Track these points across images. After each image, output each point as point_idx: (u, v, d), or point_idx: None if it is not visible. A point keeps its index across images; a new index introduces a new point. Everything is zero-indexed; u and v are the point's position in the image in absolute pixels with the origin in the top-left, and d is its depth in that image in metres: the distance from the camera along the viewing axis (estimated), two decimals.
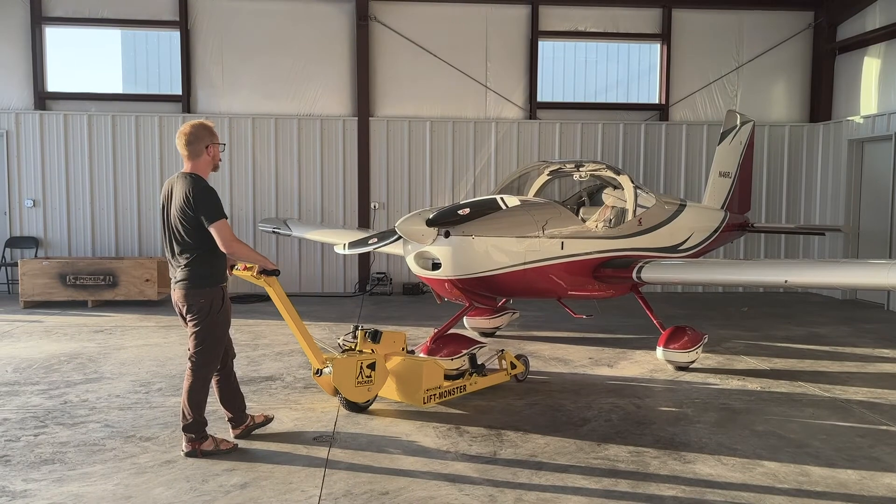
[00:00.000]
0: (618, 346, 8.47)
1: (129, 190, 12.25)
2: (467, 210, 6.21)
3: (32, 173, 12.14)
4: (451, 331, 7.19)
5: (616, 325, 9.61)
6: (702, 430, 5.47)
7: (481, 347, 6.72)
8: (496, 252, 6.38)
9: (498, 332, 8.97)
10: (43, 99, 12.32)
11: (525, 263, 6.58)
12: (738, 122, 10.86)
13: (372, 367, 5.60)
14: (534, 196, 8.25)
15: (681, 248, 8.67)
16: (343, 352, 5.75)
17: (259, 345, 8.31)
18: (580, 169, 8.04)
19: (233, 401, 5.15)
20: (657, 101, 13.35)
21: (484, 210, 6.33)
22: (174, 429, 5.28)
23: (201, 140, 4.85)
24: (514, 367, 6.61)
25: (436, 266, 6.30)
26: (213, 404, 5.12)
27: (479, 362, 6.44)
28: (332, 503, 4.13)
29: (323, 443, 5.11)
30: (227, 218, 4.74)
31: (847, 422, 5.75)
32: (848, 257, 12.38)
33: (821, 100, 13.16)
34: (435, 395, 5.84)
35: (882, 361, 7.88)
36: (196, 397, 4.81)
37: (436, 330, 7.12)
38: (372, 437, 5.24)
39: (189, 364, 4.85)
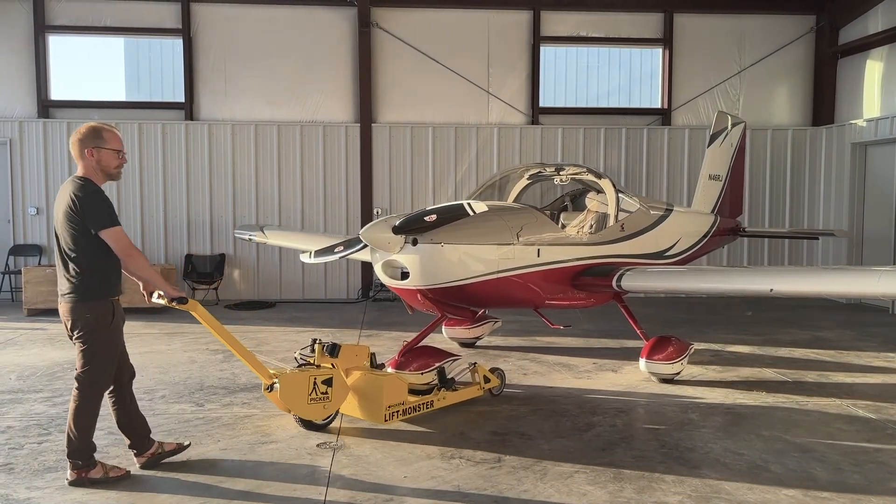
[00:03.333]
0: (622, 351, 8.44)
1: (131, 197, 12.28)
2: (434, 217, 5.81)
3: (36, 181, 12.17)
4: (423, 343, 6.94)
5: (620, 331, 9.57)
6: (707, 435, 5.44)
7: (454, 360, 6.46)
8: (467, 260, 6.08)
9: (500, 337, 8.91)
10: (46, 107, 12.36)
11: (499, 272, 6.27)
12: (729, 124, 10.56)
13: (328, 382, 5.25)
14: (513, 201, 7.93)
15: (667, 254, 8.37)
16: (299, 366, 5.44)
17: (262, 351, 8.30)
18: (560, 173, 7.78)
19: (130, 424, 4.71)
20: (659, 106, 13.35)
21: (451, 216, 5.92)
22: (178, 436, 5.27)
23: (83, 142, 4.45)
24: (487, 380, 6.28)
25: (404, 275, 6.01)
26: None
27: (448, 376, 6.15)
28: None
29: (326, 449, 5.09)
30: (120, 225, 4.41)
31: (853, 426, 5.72)
32: (851, 262, 12.35)
33: (823, 103, 13.16)
34: (398, 411, 5.50)
35: (887, 365, 7.85)
36: (82, 421, 4.40)
37: (405, 342, 6.81)
38: (376, 444, 5.22)
39: (75, 384, 4.44)
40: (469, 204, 5.93)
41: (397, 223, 5.78)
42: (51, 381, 6.89)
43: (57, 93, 12.53)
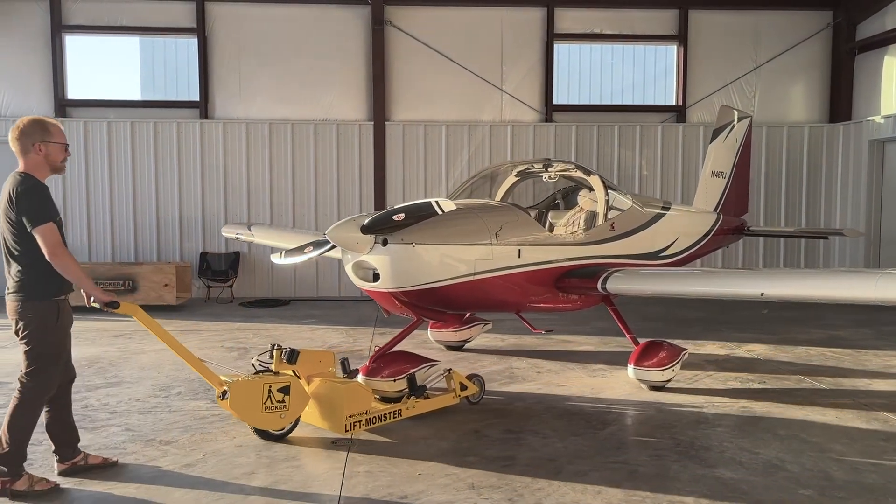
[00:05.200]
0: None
1: (147, 195, 12.36)
2: (402, 215, 5.48)
3: (53, 180, 12.20)
4: (399, 348, 6.54)
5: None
6: (723, 434, 5.42)
7: (431, 366, 6.06)
8: (442, 261, 5.79)
9: (513, 335, 8.87)
10: (63, 106, 12.46)
11: (476, 274, 5.96)
12: (735, 118, 10.14)
13: (285, 390, 5.00)
14: (502, 198, 7.67)
15: (662, 254, 8.04)
16: (256, 373, 5.23)
17: None
18: (549, 169, 7.43)
19: (60, 432, 4.54)
20: (674, 103, 13.28)
21: (419, 215, 5.56)
22: (193, 432, 5.32)
23: (29, 136, 4.34)
24: (464, 388, 5.95)
25: (376, 277, 5.73)
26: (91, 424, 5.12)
27: (422, 383, 5.79)
28: None
29: (342, 446, 5.11)
30: (55, 222, 4.21)
31: (870, 425, 5.67)
32: (869, 263, 12.20)
33: (840, 100, 13.05)
34: (361, 421, 5.20)
35: None
36: (19, 425, 4.23)
37: (377, 348, 6.39)
38: (391, 441, 5.24)
39: (18, 385, 4.27)
40: (437, 202, 5.50)
41: (366, 222, 5.51)
42: None
43: (74, 92, 12.64)
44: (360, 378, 5.83)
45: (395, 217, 5.48)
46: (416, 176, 12.71)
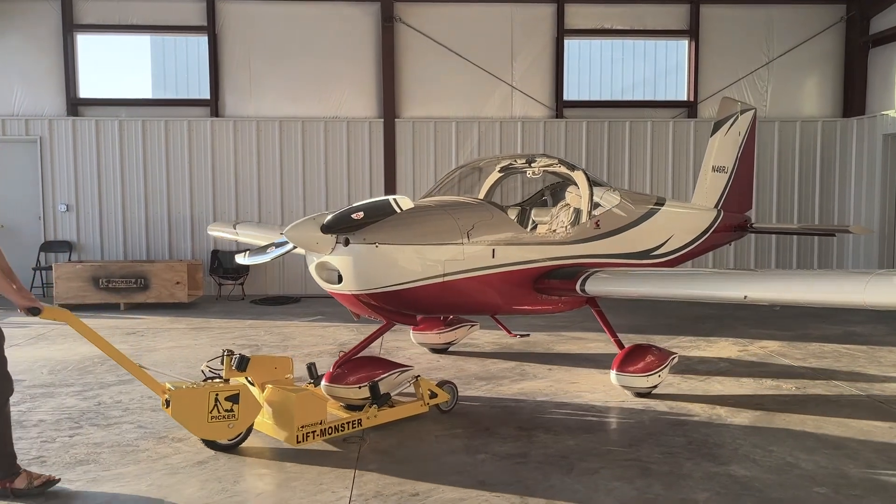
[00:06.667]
0: None
1: (159, 193, 12.41)
2: (361, 214, 5.18)
3: (66, 178, 12.35)
4: (366, 353, 6.26)
5: (645, 325, 9.51)
6: (736, 431, 5.38)
7: (402, 372, 5.76)
8: (407, 262, 5.49)
9: (518, 331, 8.76)
10: (75, 105, 12.53)
11: (445, 275, 5.64)
12: (738, 111, 9.70)
13: (234, 398, 4.78)
14: (485, 194, 7.40)
15: (655, 253, 7.69)
16: (205, 380, 5.01)
17: (288, 346, 8.36)
18: (532, 165, 7.13)
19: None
20: (685, 99, 13.20)
21: (376, 214, 5.22)
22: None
23: None
24: (434, 395, 5.71)
25: (341, 278, 5.45)
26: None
27: (387, 391, 5.52)
28: None
29: (353, 443, 5.11)
30: None
31: (886, 422, 5.62)
32: (883, 262, 12.06)
33: (854, 94, 12.91)
34: (315, 431, 4.98)
35: None
36: None
37: (342, 353, 6.06)
38: (402, 438, 5.23)
39: None
40: (395, 200, 5.17)
41: (326, 221, 5.25)
42: (82, 376, 7.00)
43: (85, 91, 12.70)
44: (322, 384, 5.55)
45: (353, 216, 5.19)
46: (426, 173, 12.69)
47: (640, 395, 6.28)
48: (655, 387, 6.33)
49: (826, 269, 11.34)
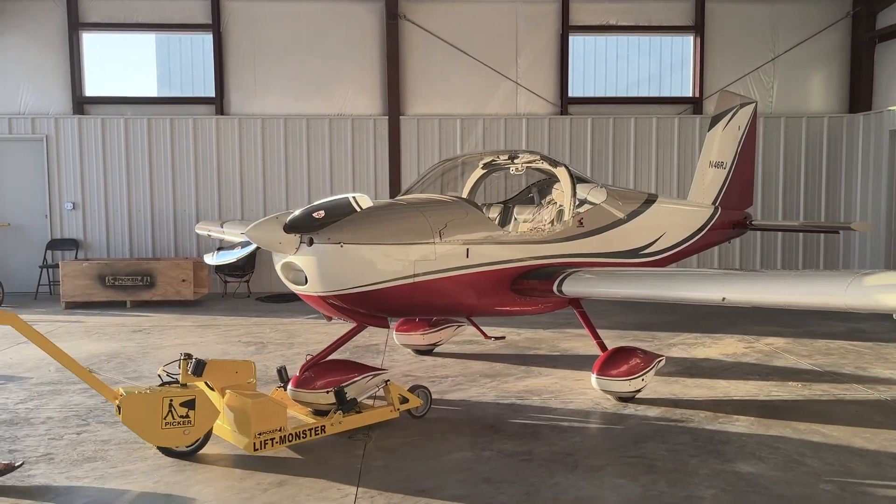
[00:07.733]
0: (652, 343, 8.35)
1: (165, 191, 12.45)
2: (322, 213, 4.96)
3: (72, 177, 12.40)
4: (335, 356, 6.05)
5: (650, 322, 9.50)
6: (742, 428, 5.37)
7: (375, 376, 5.55)
8: (375, 262, 5.28)
9: (529, 329, 8.80)
10: (81, 104, 12.57)
11: (415, 276, 5.42)
12: (738, 104, 9.42)
13: (189, 404, 4.64)
14: (468, 191, 7.25)
15: (645, 251, 7.41)
16: (161, 384, 4.90)
17: (294, 343, 8.38)
18: (514, 161, 6.93)
19: None
20: (691, 95, 13.16)
21: (336, 212, 5.02)
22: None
23: None
24: (406, 400, 5.53)
25: (308, 279, 5.27)
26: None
27: (352, 396, 5.33)
28: (369, 501, 4.13)
29: (359, 440, 5.12)
30: None
31: (892, 419, 5.61)
32: (889, 260, 11.99)
33: (860, 90, 12.86)
34: (274, 438, 4.82)
35: None
36: None
37: (309, 357, 5.84)
38: (407, 435, 5.25)
39: None
40: (354, 198, 4.94)
41: (288, 220, 5.06)
42: None
43: (91, 89, 12.74)
44: (289, 389, 5.44)
45: (314, 214, 4.98)
46: None
47: (622, 399, 6.08)
48: (639, 391, 6.12)
49: (809, 270, 11.04)
